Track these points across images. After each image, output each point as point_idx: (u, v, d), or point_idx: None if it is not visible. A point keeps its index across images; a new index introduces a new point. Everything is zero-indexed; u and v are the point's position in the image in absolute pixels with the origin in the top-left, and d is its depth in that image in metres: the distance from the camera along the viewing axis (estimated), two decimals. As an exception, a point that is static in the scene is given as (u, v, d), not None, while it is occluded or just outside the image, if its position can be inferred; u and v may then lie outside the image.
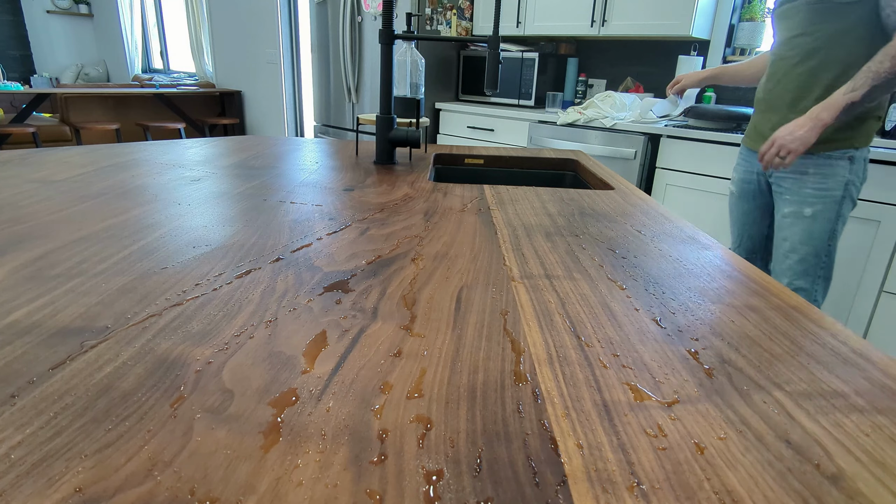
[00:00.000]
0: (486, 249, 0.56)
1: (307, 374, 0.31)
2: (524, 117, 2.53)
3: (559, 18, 2.61)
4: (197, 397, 0.29)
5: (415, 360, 0.34)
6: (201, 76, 5.36)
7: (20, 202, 0.64)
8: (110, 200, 0.67)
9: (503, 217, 0.69)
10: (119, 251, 0.50)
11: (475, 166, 1.22)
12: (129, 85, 5.32)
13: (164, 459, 0.24)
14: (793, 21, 1.25)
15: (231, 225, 0.59)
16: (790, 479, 0.25)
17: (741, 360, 0.36)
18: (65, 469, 0.23)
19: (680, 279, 0.50)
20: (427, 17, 2.89)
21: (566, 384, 0.32)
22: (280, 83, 4.53)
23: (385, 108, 0.99)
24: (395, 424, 0.27)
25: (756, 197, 1.43)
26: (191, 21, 5.15)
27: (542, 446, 0.26)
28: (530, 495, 0.23)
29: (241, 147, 1.12)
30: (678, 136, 2.12)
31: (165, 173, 0.83)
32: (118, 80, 6.03)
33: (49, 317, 0.37)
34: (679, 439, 0.27)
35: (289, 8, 4.33)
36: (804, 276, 1.29)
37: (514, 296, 0.45)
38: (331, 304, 0.41)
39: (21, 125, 3.99)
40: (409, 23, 1.03)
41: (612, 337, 0.38)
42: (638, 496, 0.23)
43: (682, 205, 2.17)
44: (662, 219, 0.72)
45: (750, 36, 2.43)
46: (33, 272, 0.44)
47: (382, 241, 0.57)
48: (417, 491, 0.23)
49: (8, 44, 5.59)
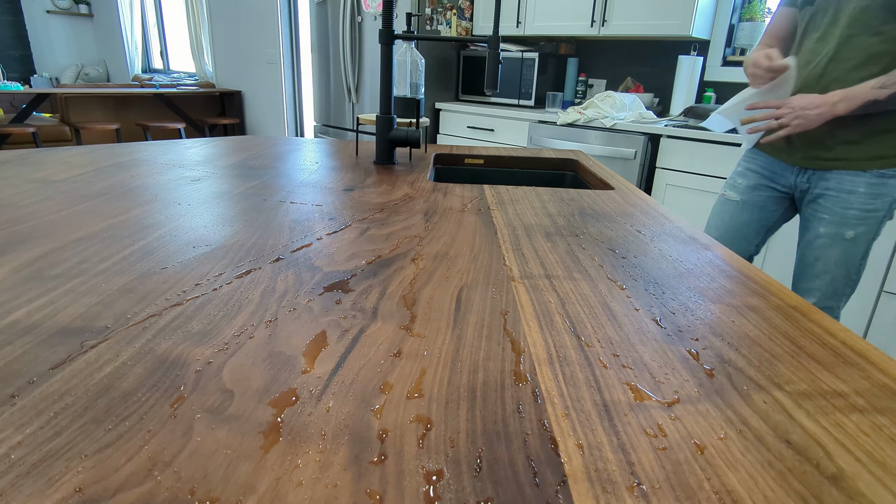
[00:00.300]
0: (486, 249, 0.56)
1: (307, 374, 0.31)
2: (524, 117, 2.53)
3: (559, 18, 2.61)
4: (197, 397, 0.29)
5: (415, 360, 0.34)
6: (201, 76, 5.36)
7: (20, 202, 0.64)
8: (110, 200, 0.67)
9: (503, 217, 0.69)
10: (119, 251, 0.50)
11: (475, 166, 1.22)
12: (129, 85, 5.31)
13: (164, 459, 0.24)
14: (850, 16, 1.04)
15: (231, 225, 0.59)
16: (790, 479, 0.25)
17: (741, 360, 0.36)
18: (65, 469, 0.23)
19: (680, 279, 0.50)
20: (427, 17, 2.89)
21: (566, 384, 0.32)
22: (280, 83, 4.53)
23: (385, 108, 0.99)
24: (395, 424, 0.27)
25: (764, 211, 1.26)
26: (191, 21, 5.15)
27: (542, 446, 0.26)
28: (530, 495, 0.23)
29: (241, 147, 1.12)
30: (678, 136, 2.12)
31: (165, 173, 0.83)
32: (118, 80, 6.03)
33: (49, 317, 0.37)
34: (679, 439, 0.27)
35: (289, 8, 4.33)
36: (833, 296, 1.16)
37: (514, 296, 0.45)
38: (331, 304, 0.41)
39: (21, 125, 3.99)
40: (409, 23, 1.03)
41: (612, 337, 0.38)
42: (638, 496, 0.23)
43: (682, 205, 2.17)
44: (662, 219, 0.72)
45: (750, 36, 2.43)
46: (33, 272, 0.44)
47: (382, 241, 0.57)
48: (417, 491, 0.23)
49: (8, 44, 5.59)
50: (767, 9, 2.37)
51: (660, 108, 2.71)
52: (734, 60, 2.50)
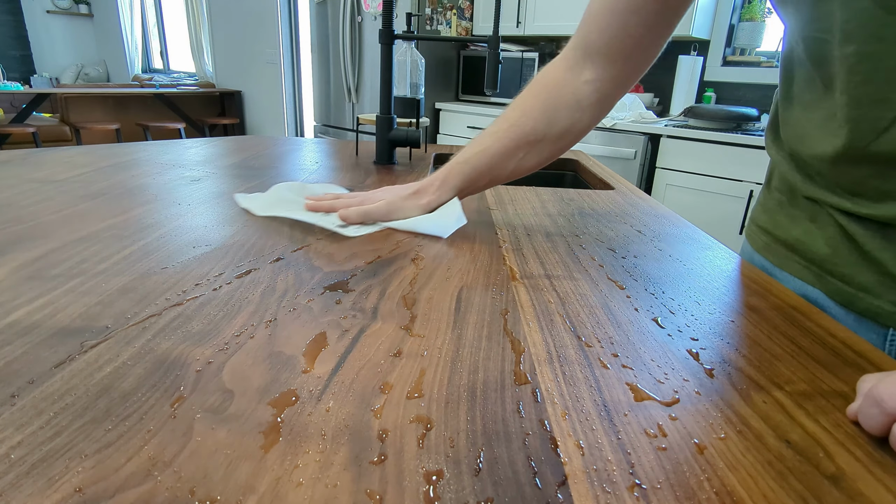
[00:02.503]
0: (486, 249, 0.56)
1: (307, 374, 0.31)
2: (524, 117, 2.53)
3: (559, 18, 2.61)
4: (197, 397, 0.29)
5: (415, 360, 0.34)
6: (201, 76, 5.36)
7: (20, 202, 0.64)
8: (110, 200, 0.67)
9: (503, 217, 0.69)
10: (119, 251, 0.50)
11: (475, 166, 1.22)
12: (129, 85, 5.31)
13: (164, 459, 0.24)
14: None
15: (231, 225, 0.59)
16: (790, 479, 0.25)
17: (741, 360, 0.36)
18: (65, 469, 0.23)
19: (680, 279, 0.50)
20: (427, 17, 2.89)
21: (566, 384, 0.32)
22: (280, 83, 4.53)
23: (385, 108, 0.99)
24: (394, 424, 0.27)
25: None
26: (191, 21, 5.15)
27: (542, 446, 0.26)
28: (530, 495, 0.23)
29: (241, 147, 1.12)
30: (678, 136, 2.12)
31: (165, 173, 0.83)
32: (118, 80, 6.03)
33: (49, 317, 0.37)
34: (679, 439, 0.27)
35: (289, 8, 4.33)
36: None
37: (514, 296, 0.45)
38: (331, 304, 0.41)
39: (21, 125, 3.99)
40: (409, 23, 1.03)
41: (612, 337, 0.38)
42: (638, 496, 0.23)
43: (682, 205, 2.16)
44: (662, 219, 0.72)
45: (750, 36, 2.43)
46: (33, 272, 0.44)
47: (382, 241, 0.57)
48: (417, 491, 0.23)
49: (8, 44, 5.59)
50: (767, 9, 2.37)
51: (660, 108, 2.71)
52: (734, 60, 2.50)
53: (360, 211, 0.60)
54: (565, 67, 0.58)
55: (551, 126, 0.57)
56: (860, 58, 0.39)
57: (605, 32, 0.55)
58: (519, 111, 0.58)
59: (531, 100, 0.58)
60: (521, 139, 0.58)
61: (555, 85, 0.58)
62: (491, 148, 0.59)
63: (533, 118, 0.57)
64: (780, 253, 0.54)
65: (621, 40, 0.54)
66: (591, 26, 0.56)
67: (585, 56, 0.57)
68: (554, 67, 0.59)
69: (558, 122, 0.57)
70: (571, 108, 0.57)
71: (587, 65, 0.56)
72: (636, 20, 0.53)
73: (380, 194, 0.64)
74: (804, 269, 0.51)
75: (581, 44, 0.57)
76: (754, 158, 1.99)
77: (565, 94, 0.57)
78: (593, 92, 0.56)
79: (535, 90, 0.59)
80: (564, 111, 0.57)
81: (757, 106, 2.29)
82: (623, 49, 0.55)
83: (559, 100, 0.57)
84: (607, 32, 0.55)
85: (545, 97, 0.58)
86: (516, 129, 0.58)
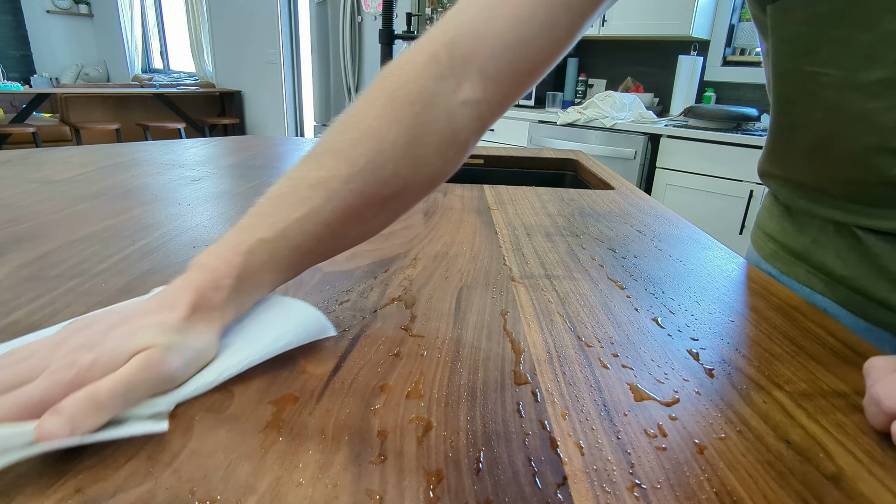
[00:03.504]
0: (486, 249, 0.56)
1: (307, 374, 0.31)
2: (524, 117, 2.53)
3: (559, 18, 2.60)
4: (197, 397, 0.29)
5: (414, 360, 0.34)
6: (201, 76, 5.36)
7: (20, 202, 0.64)
8: (110, 200, 0.67)
9: (503, 217, 0.69)
10: (119, 251, 0.50)
11: (475, 166, 1.22)
12: (129, 85, 5.31)
13: (164, 459, 0.24)
14: None
15: (231, 225, 0.59)
16: (790, 479, 0.25)
17: (741, 360, 0.36)
18: (65, 469, 0.23)
19: (680, 279, 0.50)
20: (427, 17, 2.89)
21: (566, 384, 0.32)
22: (280, 83, 4.53)
23: (385, 108, 0.99)
24: (394, 424, 0.27)
25: None
26: (191, 21, 5.15)
27: (542, 446, 0.26)
28: (530, 495, 0.23)
29: (241, 147, 1.12)
30: (678, 136, 2.12)
31: (165, 173, 0.83)
32: (118, 80, 6.03)
33: (49, 317, 0.37)
34: (679, 439, 0.27)
35: (289, 8, 4.33)
36: None
37: (514, 296, 0.45)
38: (331, 304, 0.41)
39: (21, 125, 3.99)
40: (409, 23, 1.03)
41: (612, 337, 0.38)
42: (638, 496, 0.23)
43: (682, 205, 2.17)
44: (662, 219, 0.72)
45: (750, 36, 2.43)
46: (33, 272, 0.44)
47: (382, 241, 0.57)
48: (417, 491, 0.23)
49: (8, 44, 5.59)
50: (767, 9, 2.37)
51: (660, 108, 2.71)
52: (734, 60, 2.50)
53: (87, 402, 0.24)
54: (436, 75, 0.36)
55: (417, 170, 0.37)
56: (885, 85, 0.37)
57: (499, 41, 0.36)
58: (370, 144, 0.35)
59: (389, 125, 0.35)
60: (373, 193, 0.35)
61: (422, 100, 0.36)
62: (322, 210, 0.34)
63: (394, 158, 0.35)
64: (787, 261, 0.53)
65: (523, 59, 0.37)
66: (478, 27, 0.36)
67: (465, 65, 0.36)
68: (415, 68, 0.37)
69: (427, 164, 0.37)
70: (445, 141, 0.37)
71: (467, 78, 0.37)
72: (546, 34, 0.36)
73: (93, 352, 0.26)
74: (813, 276, 0.50)
75: (458, 45, 0.36)
76: (754, 158, 1.98)
77: (437, 119, 0.36)
78: (473, 119, 0.37)
79: (395, 104, 0.36)
80: (435, 146, 0.37)
81: (757, 106, 2.29)
82: (520, 70, 0.37)
83: (428, 126, 0.36)
84: (504, 43, 0.36)
85: (410, 121, 0.35)
86: (366, 176, 0.34)
